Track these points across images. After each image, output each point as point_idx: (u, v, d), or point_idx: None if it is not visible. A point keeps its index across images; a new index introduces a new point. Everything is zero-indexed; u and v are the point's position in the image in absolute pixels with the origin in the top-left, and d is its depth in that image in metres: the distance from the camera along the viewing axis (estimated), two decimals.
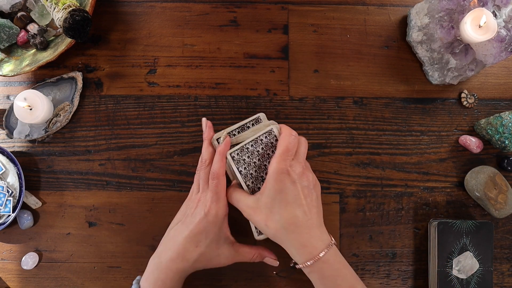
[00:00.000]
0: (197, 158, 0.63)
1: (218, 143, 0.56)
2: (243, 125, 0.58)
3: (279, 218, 0.49)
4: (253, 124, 0.59)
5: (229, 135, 0.56)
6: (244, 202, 0.51)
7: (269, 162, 0.53)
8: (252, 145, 0.54)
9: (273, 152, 0.54)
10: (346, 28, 0.67)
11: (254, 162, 0.54)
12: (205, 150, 0.56)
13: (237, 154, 0.53)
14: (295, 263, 0.52)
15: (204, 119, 0.59)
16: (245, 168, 0.53)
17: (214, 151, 0.56)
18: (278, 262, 0.57)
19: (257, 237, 0.55)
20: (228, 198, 0.53)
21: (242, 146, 0.54)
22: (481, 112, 0.65)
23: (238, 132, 0.57)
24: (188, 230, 0.51)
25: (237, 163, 0.53)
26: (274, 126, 0.55)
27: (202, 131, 0.64)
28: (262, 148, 0.54)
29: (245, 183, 0.54)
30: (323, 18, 0.67)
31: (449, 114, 0.65)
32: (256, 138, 0.54)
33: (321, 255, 0.49)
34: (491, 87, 0.66)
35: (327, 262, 0.49)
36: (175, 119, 0.64)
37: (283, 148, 0.50)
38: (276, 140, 0.55)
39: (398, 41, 0.66)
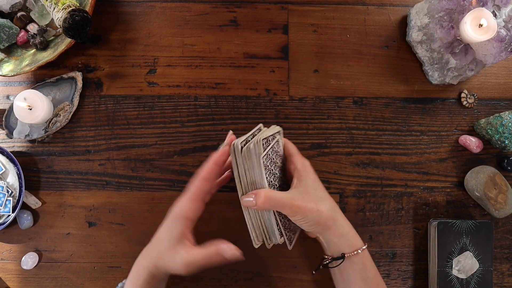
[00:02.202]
0: (197, 158, 0.63)
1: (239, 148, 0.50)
2: (252, 134, 0.53)
3: (329, 203, 0.52)
4: (255, 133, 0.55)
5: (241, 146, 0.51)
6: (288, 197, 0.50)
7: (277, 169, 0.53)
8: (270, 153, 0.52)
9: (279, 159, 0.54)
10: (346, 28, 0.67)
11: (271, 169, 0.53)
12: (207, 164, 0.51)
13: (264, 160, 0.51)
14: (332, 258, 0.52)
15: (230, 132, 0.55)
16: (268, 174, 0.51)
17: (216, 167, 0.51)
18: (239, 253, 0.49)
19: (256, 245, 0.53)
20: (266, 201, 0.48)
21: (267, 153, 0.51)
22: (481, 112, 0.65)
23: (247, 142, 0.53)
24: (158, 229, 0.51)
25: (265, 168, 0.50)
26: (278, 136, 0.54)
27: (202, 131, 0.64)
28: (275, 156, 0.53)
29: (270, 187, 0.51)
30: (323, 18, 0.67)
31: (449, 114, 0.65)
32: (272, 147, 0.52)
33: (365, 246, 0.52)
34: (491, 87, 0.66)
35: (368, 253, 0.53)
36: (175, 119, 0.64)
37: (296, 149, 0.55)
38: (277, 147, 0.54)
39: (398, 41, 0.66)
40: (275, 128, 0.55)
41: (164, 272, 0.51)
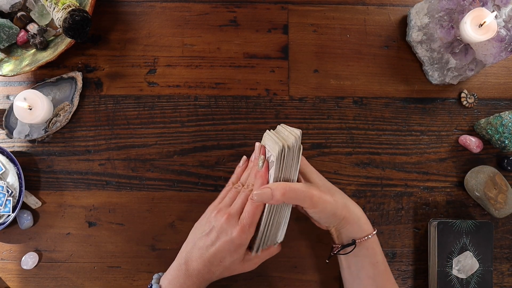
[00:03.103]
0: (197, 158, 0.63)
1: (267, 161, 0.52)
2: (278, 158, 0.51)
3: (339, 192, 0.53)
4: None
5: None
6: (307, 189, 0.50)
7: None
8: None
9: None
10: (346, 28, 0.67)
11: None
12: (254, 173, 0.52)
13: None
14: (343, 246, 0.52)
15: (257, 144, 0.56)
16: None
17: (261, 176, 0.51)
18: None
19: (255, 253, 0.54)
20: (287, 192, 0.48)
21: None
22: (481, 112, 0.65)
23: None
24: (214, 247, 0.50)
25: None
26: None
27: (202, 131, 0.64)
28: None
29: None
30: (323, 18, 0.67)
31: (449, 114, 0.65)
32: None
33: (375, 231, 0.53)
34: (491, 87, 0.66)
35: (376, 238, 0.53)
36: (175, 119, 0.64)
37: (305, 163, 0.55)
38: None
39: (398, 41, 0.66)
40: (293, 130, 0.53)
41: (219, 278, 0.54)
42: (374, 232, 0.53)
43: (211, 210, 0.54)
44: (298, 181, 0.52)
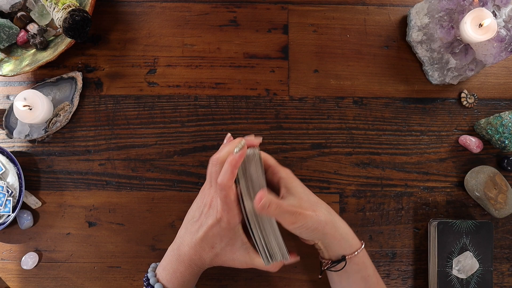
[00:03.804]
0: (197, 158, 0.63)
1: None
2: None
3: (324, 207, 0.51)
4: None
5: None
6: (289, 204, 0.49)
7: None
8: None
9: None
10: (346, 28, 0.67)
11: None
12: (224, 147, 0.51)
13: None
14: (332, 262, 0.51)
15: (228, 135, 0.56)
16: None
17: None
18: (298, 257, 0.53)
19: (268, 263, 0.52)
20: (275, 207, 0.47)
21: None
22: (481, 112, 0.65)
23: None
24: (202, 231, 0.50)
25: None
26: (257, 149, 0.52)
27: (202, 131, 0.64)
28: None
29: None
30: (323, 18, 0.67)
31: (449, 114, 0.65)
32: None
33: (363, 246, 0.52)
34: (491, 87, 0.66)
35: (365, 251, 0.53)
36: (175, 119, 0.64)
37: (274, 160, 0.54)
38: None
39: (398, 41, 0.66)
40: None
41: (212, 266, 0.52)
42: (363, 246, 0.52)
43: (200, 192, 0.54)
44: (280, 193, 0.51)
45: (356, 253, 0.51)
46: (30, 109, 0.61)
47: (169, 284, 0.50)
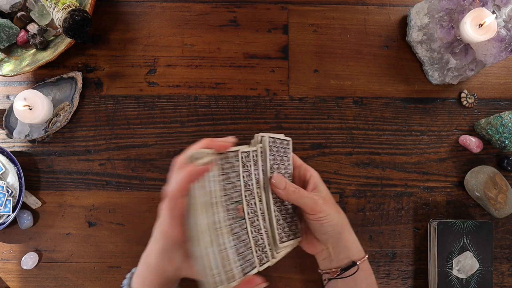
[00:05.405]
0: None
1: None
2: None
3: (342, 213, 0.52)
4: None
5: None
6: (313, 194, 0.50)
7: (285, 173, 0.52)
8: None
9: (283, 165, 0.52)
10: (346, 28, 0.67)
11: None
12: (194, 146, 0.45)
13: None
14: (342, 269, 0.51)
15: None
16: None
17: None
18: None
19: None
20: (295, 190, 0.48)
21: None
22: (481, 112, 0.65)
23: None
24: (157, 245, 0.45)
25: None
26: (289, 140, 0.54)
27: (202, 131, 0.64)
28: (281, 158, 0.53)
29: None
30: (323, 18, 0.67)
31: (449, 114, 0.65)
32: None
33: (367, 255, 0.52)
34: (491, 87, 0.66)
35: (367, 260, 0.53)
36: (175, 119, 0.64)
37: (301, 160, 0.55)
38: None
39: (398, 41, 0.66)
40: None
41: (183, 277, 0.47)
42: (367, 256, 0.52)
43: None
44: (308, 187, 0.52)
45: (364, 258, 0.51)
46: (30, 109, 0.61)
47: None
